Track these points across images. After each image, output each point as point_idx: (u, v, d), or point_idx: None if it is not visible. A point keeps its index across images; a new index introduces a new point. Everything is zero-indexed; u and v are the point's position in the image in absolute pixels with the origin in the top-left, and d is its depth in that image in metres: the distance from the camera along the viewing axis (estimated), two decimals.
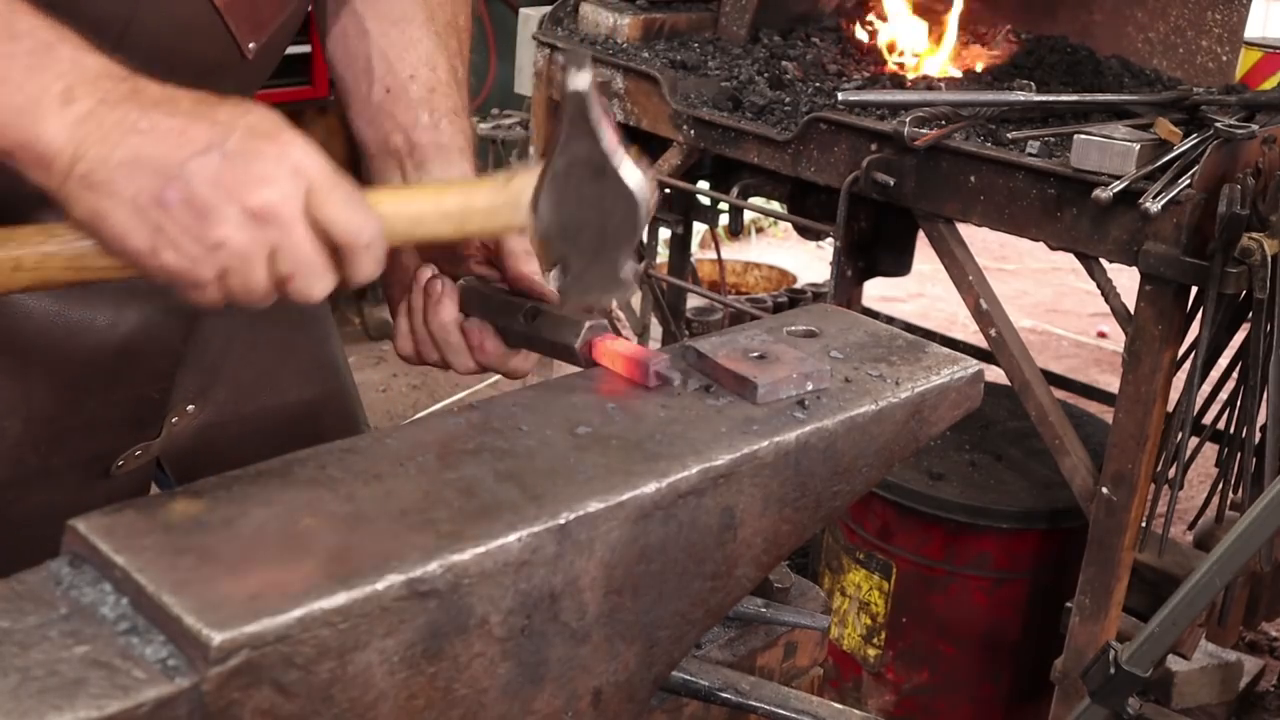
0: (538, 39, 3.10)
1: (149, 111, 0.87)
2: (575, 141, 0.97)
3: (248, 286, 0.89)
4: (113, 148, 0.85)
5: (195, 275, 0.87)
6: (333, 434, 0.97)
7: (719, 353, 1.07)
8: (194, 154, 0.85)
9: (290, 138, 0.89)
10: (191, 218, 0.85)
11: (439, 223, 0.99)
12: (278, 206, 0.86)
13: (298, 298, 0.91)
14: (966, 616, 2.72)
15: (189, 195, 0.85)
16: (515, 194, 0.99)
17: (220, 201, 0.85)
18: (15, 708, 0.67)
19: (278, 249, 0.88)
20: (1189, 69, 2.86)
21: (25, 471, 1.18)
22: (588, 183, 0.98)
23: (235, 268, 0.87)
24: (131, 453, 1.25)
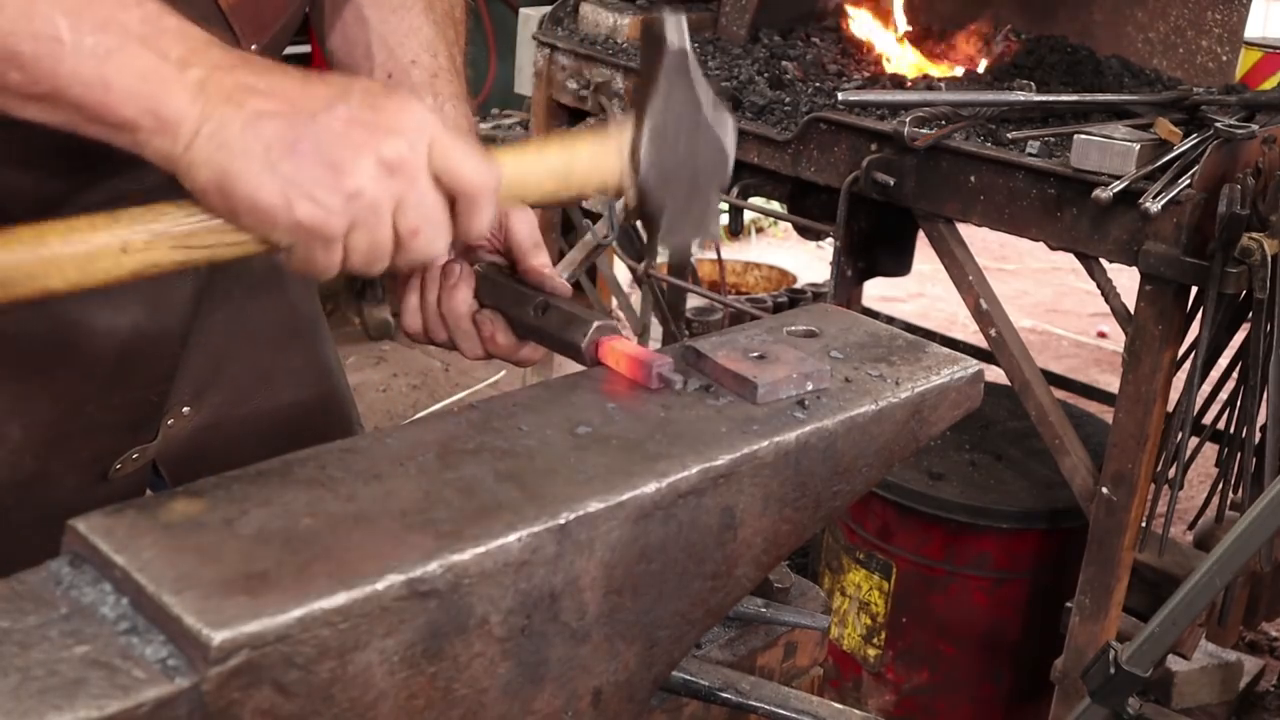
0: (538, 39, 3.10)
1: (264, 75, 0.87)
2: (674, 95, 1.02)
3: (375, 241, 0.89)
4: (238, 107, 0.85)
5: (328, 228, 0.87)
6: (327, 435, 0.97)
7: (719, 353, 1.07)
8: (319, 109, 0.86)
9: (406, 96, 0.90)
10: (324, 168, 0.85)
11: (546, 178, 1.02)
12: (406, 157, 0.87)
13: (417, 255, 0.91)
14: (966, 616, 2.72)
15: (321, 145, 0.85)
16: (614, 150, 1.03)
17: (352, 152, 0.85)
18: (15, 708, 0.67)
19: (404, 201, 0.88)
20: (1189, 69, 2.86)
21: (24, 475, 1.18)
22: (684, 134, 1.03)
23: (366, 220, 0.87)
24: (129, 456, 1.25)
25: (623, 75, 2.90)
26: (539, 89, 3.12)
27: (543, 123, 3.16)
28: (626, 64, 2.88)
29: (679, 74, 1.02)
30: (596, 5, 3.10)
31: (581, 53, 3.00)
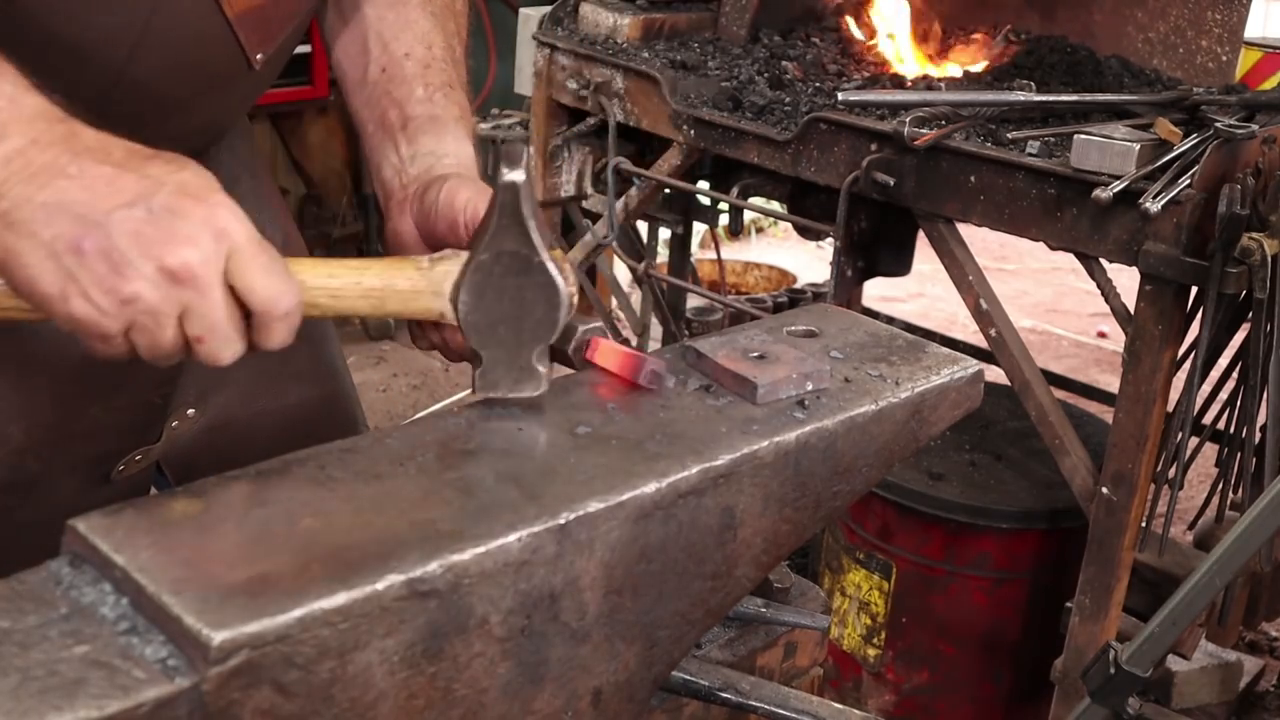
0: (538, 39, 3.10)
1: (80, 157, 0.86)
2: (504, 234, 0.97)
3: (155, 344, 0.88)
4: (38, 188, 0.84)
5: (102, 327, 0.86)
6: (332, 436, 0.97)
7: (719, 353, 1.07)
8: (119, 205, 0.84)
9: (219, 200, 0.88)
10: (106, 269, 0.84)
11: (358, 300, 0.97)
12: (195, 268, 0.85)
13: (206, 360, 0.90)
14: (966, 616, 2.72)
15: (107, 246, 0.84)
16: (438, 279, 0.98)
17: (137, 256, 0.84)
18: (15, 708, 0.67)
19: (190, 310, 0.87)
20: (1189, 69, 2.86)
21: (26, 477, 1.18)
22: (511, 276, 0.97)
23: (144, 324, 0.86)
24: (132, 458, 1.25)
25: (623, 75, 2.90)
26: (539, 89, 3.12)
27: (543, 123, 3.16)
28: (626, 64, 2.88)
29: (512, 211, 0.97)
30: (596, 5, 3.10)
31: (581, 53, 3.00)
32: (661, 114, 2.81)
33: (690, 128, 2.76)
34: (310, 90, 4.54)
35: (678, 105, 2.75)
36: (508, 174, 0.96)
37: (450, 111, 1.23)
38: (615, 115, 2.91)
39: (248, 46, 1.13)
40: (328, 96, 4.68)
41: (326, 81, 4.63)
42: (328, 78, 4.63)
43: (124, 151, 0.88)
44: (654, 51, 2.95)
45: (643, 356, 1.04)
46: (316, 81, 4.58)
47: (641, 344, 3.71)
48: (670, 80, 2.78)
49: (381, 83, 1.24)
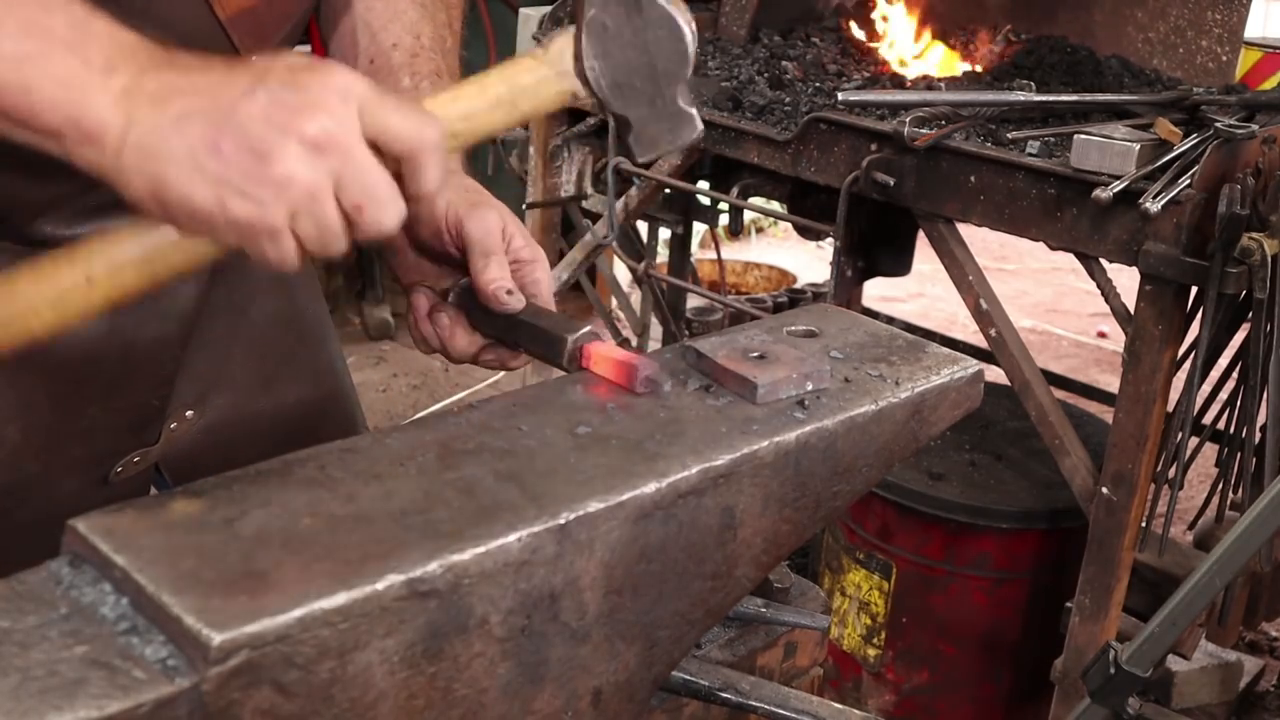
0: (538, 39, 3.10)
1: (189, 73, 0.85)
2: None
3: (321, 225, 0.85)
4: (161, 110, 0.83)
5: (267, 222, 0.83)
6: (332, 436, 0.97)
7: (719, 353, 1.07)
8: (240, 96, 0.83)
9: (329, 66, 0.87)
10: (251, 160, 0.82)
11: (491, 112, 0.94)
12: (334, 131, 0.83)
13: (373, 228, 0.87)
14: (966, 616, 2.72)
15: (243, 137, 0.82)
16: (556, 58, 0.94)
17: (276, 137, 0.82)
18: (15, 708, 0.67)
19: (343, 177, 0.84)
20: (1189, 69, 2.86)
21: (24, 478, 1.18)
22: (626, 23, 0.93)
23: (305, 206, 0.84)
24: (130, 459, 1.25)
25: None
26: None
27: (543, 123, 3.16)
28: None
29: None
30: None
31: None
32: None
33: None
34: None
35: None
36: None
37: None
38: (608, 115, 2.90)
39: (241, 49, 1.12)
40: None
41: None
42: None
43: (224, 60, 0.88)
44: None
45: (637, 363, 1.02)
46: None
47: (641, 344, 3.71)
48: None
49: (369, 74, 1.24)
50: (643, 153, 0.97)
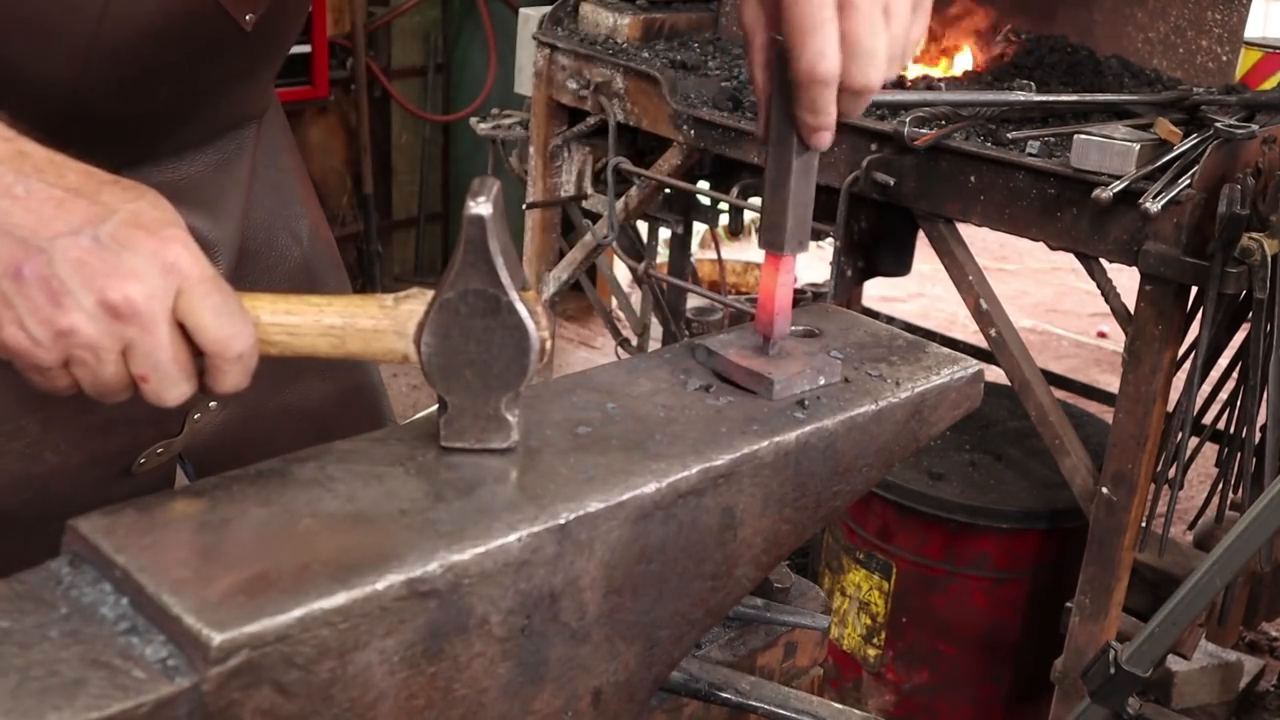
0: (538, 39, 3.10)
1: (28, 177, 0.83)
2: (470, 271, 0.90)
3: (96, 379, 0.84)
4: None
5: (35, 358, 0.83)
6: (357, 428, 0.96)
7: (729, 350, 1.07)
8: (64, 232, 0.81)
9: (173, 234, 0.84)
10: (44, 298, 0.81)
11: (318, 339, 0.93)
12: (139, 303, 0.82)
13: (151, 400, 0.87)
14: (966, 616, 2.72)
15: (47, 274, 0.81)
16: (403, 319, 0.93)
17: (78, 287, 0.81)
18: (15, 708, 0.67)
19: (133, 347, 0.83)
20: (1189, 69, 2.86)
21: (44, 470, 1.18)
22: (479, 317, 0.91)
23: (83, 359, 0.83)
24: (153, 451, 1.24)
25: (622, 75, 2.90)
26: (539, 89, 3.12)
27: (543, 123, 3.16)
28: (626, 64, 2.88)
29: (478, 248, 0.89)
30: (596, 5, 3.10)
31: (581, 53, 3.00)
32: (661, 114, 2.81)
33: (690, 128, 2.76)
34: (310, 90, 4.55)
35: (678, 105, 2.75)
36: (473, 206, 0.89)
37: None
38: (615, 115, 2.91)
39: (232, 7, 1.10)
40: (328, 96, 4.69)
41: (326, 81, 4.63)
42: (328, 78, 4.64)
43: (78, 174, 0.85)
44: (654, 51, 2.95)
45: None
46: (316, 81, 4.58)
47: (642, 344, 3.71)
48: (670, 80, 2.77)
49: None
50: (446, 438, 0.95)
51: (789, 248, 1.05)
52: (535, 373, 0.93)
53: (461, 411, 0.93)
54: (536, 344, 0.91)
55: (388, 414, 1.49)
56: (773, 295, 1.06)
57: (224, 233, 1.22)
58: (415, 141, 5.15)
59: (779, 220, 1.04)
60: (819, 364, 1.06)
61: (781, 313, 1.07)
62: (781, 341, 1.08)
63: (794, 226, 1.04)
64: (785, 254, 1.05)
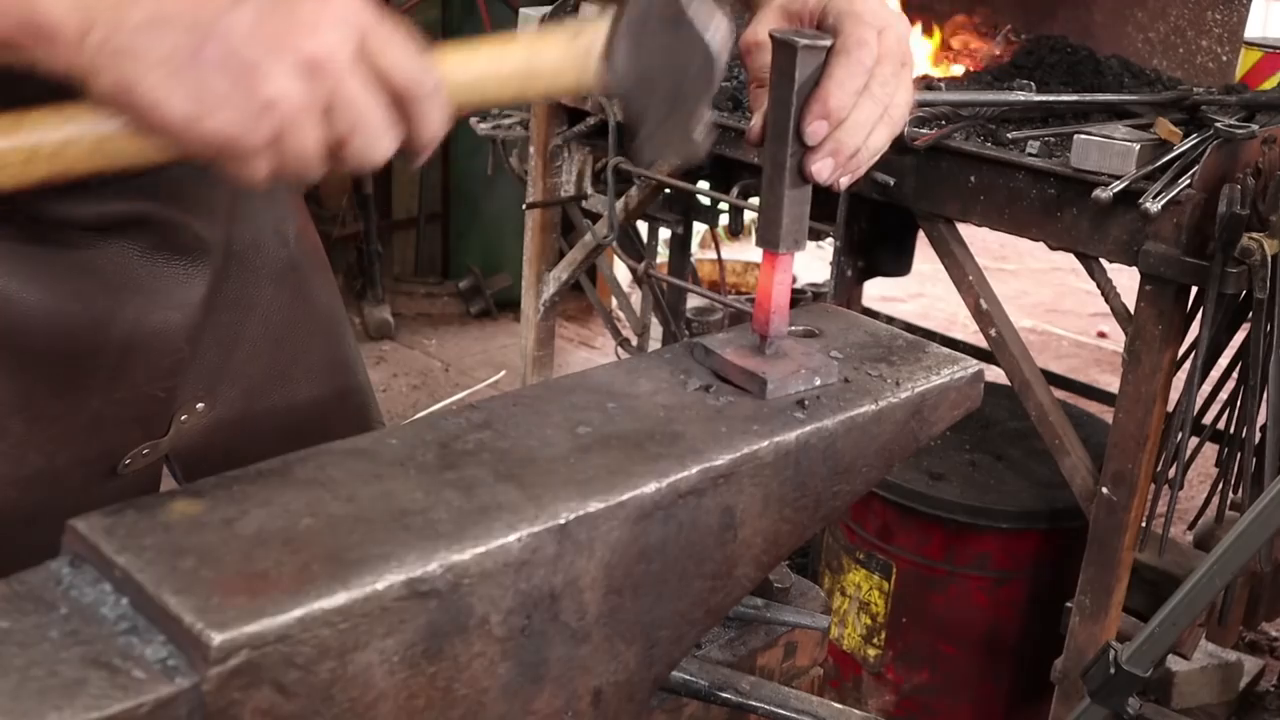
0: None
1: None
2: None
3: (303, 150, 0.79)
4: (128, 8, 0.76)
5: (246, 141, 0.78)
6: (346, 433, 0.96)
7: (726, 349, 1.07)
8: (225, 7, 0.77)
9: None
10: (237, 74, 0.76)
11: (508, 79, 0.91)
12: (330, 54, 0.77)
13: (357, 161, 0.81)
14: (966, 616, 2.72)
15: (229, 50, 0.76)
16: (585, 49, 0.92)
17: (266, 54, 0.76)
18: (15, 708, 0.67)
19: (334, 103, 0.78)
20: (1189, 69, 2.86)
21: (29, 470, 1.18)
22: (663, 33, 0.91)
23: (288, 129, 0.78)
24: (139, 452, 1.24)
25: None
26: None
27: (543, 123, 3.16)
28: None
29: None
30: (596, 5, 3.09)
31: None
32: None
33: None
34: None
35: None
36: None
37: None
38: (615, 115, 2.90)
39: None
40: None
41: None
42: None
43: None
44: None
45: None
46: None
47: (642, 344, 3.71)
48: None
49: None
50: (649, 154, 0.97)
51: (785, 246, 1.05)
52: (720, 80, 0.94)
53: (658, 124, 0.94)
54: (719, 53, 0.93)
55: (375, 416, 1.49)
56: (770, 294, 1.06)
57: (213, 233, 1.22)
58: None
59: (775, 218, 1.05)
60: (815, 364, 1.06)
61: (778, 311, 1.07)
62: (780, 342, 1.08)
63: (790, 225, 1.05)
64: (781, 252, 1.05)
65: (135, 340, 1.18)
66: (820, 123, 1.01)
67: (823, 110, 1.00)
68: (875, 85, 1.01)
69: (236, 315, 1.29)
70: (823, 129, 1.01)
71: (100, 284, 1.14)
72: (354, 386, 1.46)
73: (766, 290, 1.06)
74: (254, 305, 1.31)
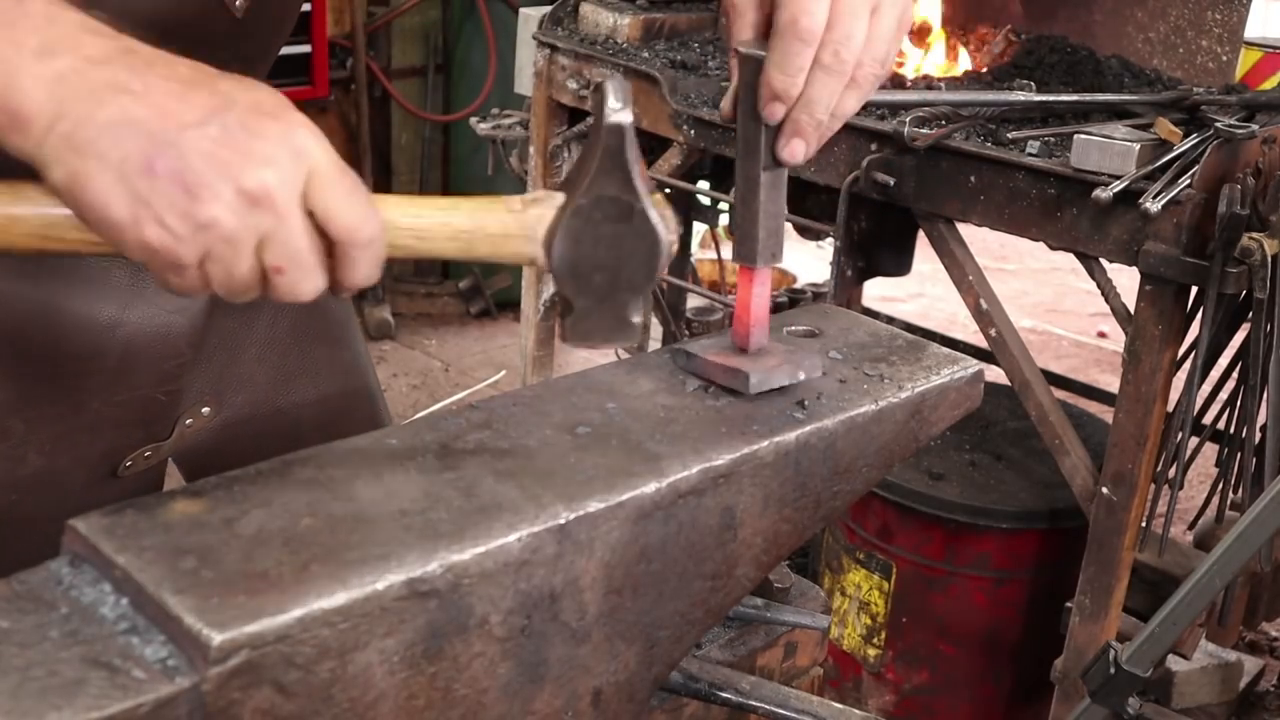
0: (538, 39, 3.10)
1: (142, 72, 0.80)
2: (605, 177, 0.92)
3: (231, 275, 0.82)
4: (99, 105, 0.78)
5: (176, 255, 0.80)
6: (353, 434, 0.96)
7: (709, 352, 1.07)
8: (191, 123, 0.79)
9: (296, 119, 0.83)
10: (181, 192, 0.78)
11: (446, 242, 0.92)
12: (275, 190, 0.80)
13: (283, 294, 0.84)
14: (966, 616, 2.72)
15: (181, 167, 0.78)
16: (531, 223, 0.93)
17: (214, 178, 0.78)
18: (15, 708, 0.67)
19: (269, 237, 0.81)
20: (1189, 69, 2.86)
21: (29, 471, 1.18)
22: (611, 222, 0.93)
23: (221, 252, 0.80)
24: (140, 454, 1.24)
25: (623, 75, 2.90)
26: (539, 89, 3.12)
27: (543, 123, 3.16)
28: (626, 64, 2.88)
29: (616, 154, 0.91)
30: (596, 5, 3.10)
31: (581, 53, 3.00)
32: (661, 114, 2.81)
33: (690, 128, 2.76)
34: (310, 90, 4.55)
35: (678, 105, 2.75)
36: (614, 114, 0.91)
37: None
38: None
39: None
40: (328, 96, 4.68)
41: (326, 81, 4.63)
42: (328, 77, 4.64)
43: (189, 68, 0.83)
44: (654, 51, 2.95)
45: None
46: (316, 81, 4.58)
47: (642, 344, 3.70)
48: (670, 80, 2.77)
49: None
50: (573, 339, 0.96)
51: (761, 260, 1.05)
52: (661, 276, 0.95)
53: (588, 313, 0.94)
54: (666, 249, 0.93)
55: (385, 419, 1.49)
56: (748, 307, 1.06)
57: None
58: (415, 141, 5.15)
59: (750, 233, 1.05)
60: (798, 358, 1.06)
61: (758, 324, 1.07)
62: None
63: (765, 239, 1.05)
64: (758, 266, 1.05)
65: (137, 343, 1.18)
66: (775, 104, 1.00)
67: (770, 94, 1.00)
68: (827, 55, 0.99)
69: (242, 319, 1.29)
70: (779, 109, 1.00)
71: (102, 287, 1.13)
72: (362, 389, 1.46)
73: (745, 303, 1.06)
74: (260, 309, 1.30)
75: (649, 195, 0.93)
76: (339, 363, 1.42)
